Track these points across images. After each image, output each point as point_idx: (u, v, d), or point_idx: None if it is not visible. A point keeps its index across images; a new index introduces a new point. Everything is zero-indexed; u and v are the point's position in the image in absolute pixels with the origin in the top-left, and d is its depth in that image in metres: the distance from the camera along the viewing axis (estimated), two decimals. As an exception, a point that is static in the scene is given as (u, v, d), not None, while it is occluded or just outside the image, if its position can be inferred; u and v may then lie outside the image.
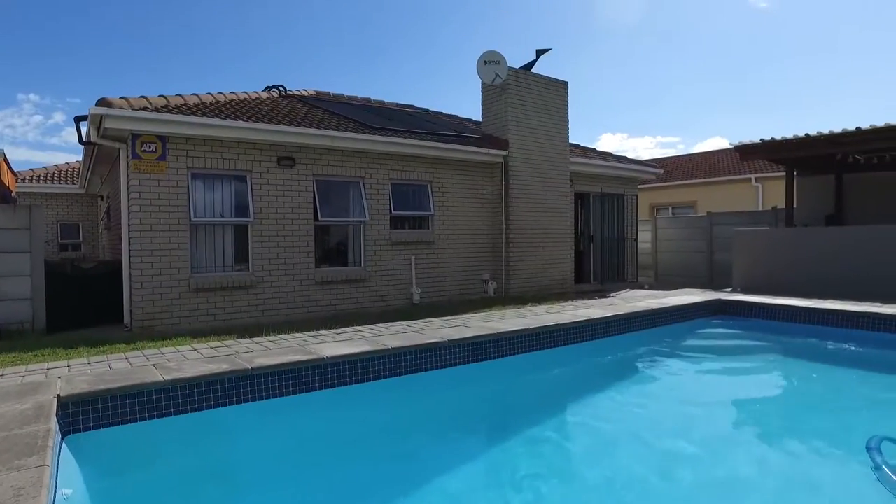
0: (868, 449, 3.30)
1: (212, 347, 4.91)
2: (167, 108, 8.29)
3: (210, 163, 8.52)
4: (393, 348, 4.64)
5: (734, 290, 11.12)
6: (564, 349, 5.81)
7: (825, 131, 10.48)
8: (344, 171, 9.79)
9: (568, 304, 7.91)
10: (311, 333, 5.72)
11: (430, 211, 10.85)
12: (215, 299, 8.50)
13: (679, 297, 8.22)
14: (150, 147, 8.09)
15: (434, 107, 15.67)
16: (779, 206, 13.53)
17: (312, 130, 9.13)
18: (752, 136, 54.11)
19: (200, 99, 9.50)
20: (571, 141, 12.96)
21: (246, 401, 3.94)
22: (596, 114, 61.02)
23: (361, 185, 10.00)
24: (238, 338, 6.15)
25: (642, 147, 56.48)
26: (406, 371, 4.69)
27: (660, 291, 12.23)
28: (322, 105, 11.67)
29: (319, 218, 9.48)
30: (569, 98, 12.65)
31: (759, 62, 52.50)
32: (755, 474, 3.69)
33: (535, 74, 12.11)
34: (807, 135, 10.68)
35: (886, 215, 12.24)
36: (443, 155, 10.76)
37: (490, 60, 11.52)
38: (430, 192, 10.87)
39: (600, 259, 13.90)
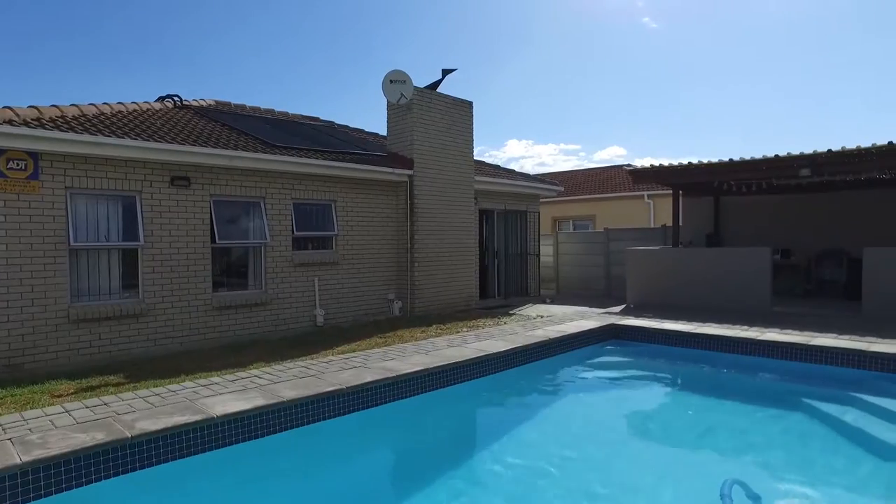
0: (721, 496, 3.59)
1: (87, 407, 4.48)
2: (39, 122, 7.55)
3: (93, 182, 7.90)
4: (289, 400, 4.51)
5: (628, 306, 11.84)
6: (464, 385, 5.92)
7: (705, 160, 11.40)
8: (244, 191, 9.42)
9: (470, 334, 8.04)
10: (203, 380, 5.40)
11: (334, 231, 10.68)
12: (100, 330, 7.89)
13: (575, 324, 8.61)
14: (18, 165, 7.35)
15: (343, 118, 15.47)
16: (668, 224, 14.52)
17: (209, 150, 8.71)
18: (646, 145, 57.43)
19: (82, 111, 8.75)
20: (479, 151, 13.26)
21: (124, 472, 3.65)
22: (503, 120, 62.67)
23: (262, 205, 9.67)
24: (120, 387, 5.74)
25: (546, 153, 58.63)
26: (302, 423, 4.57)
27: (560, 307, 12.76)
28: (221, 119, 11.16)
29: (217, 240, 9.06)
30: (475, 110, 12.91)
31: (652, 78, 56.06)
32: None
33: (440, 94, 12.24)
34: (689, 163, 11.56)
35: (753, 234, 13.55)
36: (347, 174, 10.63)
37: (396, 80, 11.51)
38: (333, 211, 10.70)
39: (504, 274, 14.30)
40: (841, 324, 8.65)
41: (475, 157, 13.10)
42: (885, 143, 9.47)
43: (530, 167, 60.94)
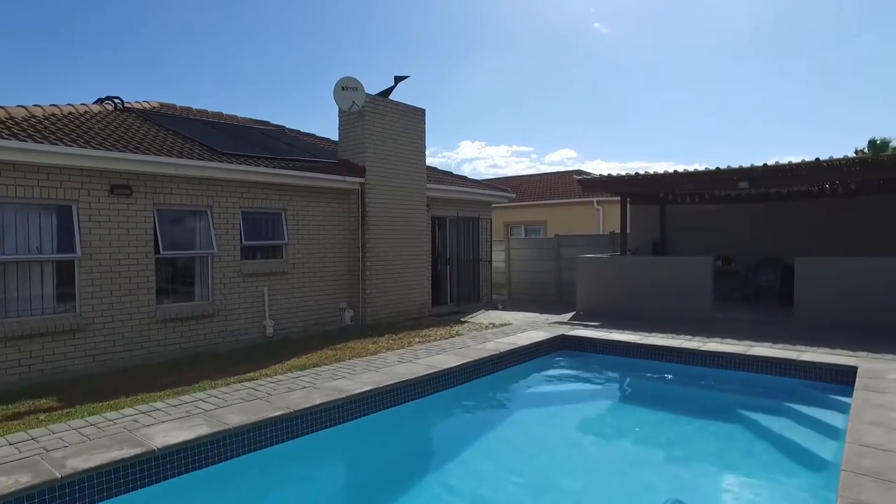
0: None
1: (11, 444, 4.17)
2: (-41, 127, 7.10)
3: (23, 191, 7.46)
4: (234, 427, 4.38)
5: (578, 313, 12.08)
6: (415, 403, 5.91)
7: (651, 171, 11.74)
8: (189, 199, 9.12)
9: (421, 348, 8.02)
10: (144, 406, 5.18)
11: (284, 240, 10.48)
12: (30, 348, 7.48)
13: (526, 335, 8.71)
14: (-67, 171, 6.90)
15: (293, 122, 15.18)
16: (616, 231, 14.88)
17: (152, 157, 8.38)
18: (596, 148, 58.84)
19: (9, 113, 8.24)
20: (432, 151, 13.30)
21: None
22: (457, 122, 62.92)
23: (209, 214, 9.39)
24: (52, 413, 5.46)
25: (498, 155, 59.22)
26: (249, 449, 4.45)
27: (512, 312, 12.92)
28: (165, 123, 10.77)
29: (161, 251, 8.74)
30: (428, 114, 12.91)
31: (602, 82, 57.38)
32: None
33: (393, 101, 12.18)
34: (637, 174, 11.89)
35: (696, 241, 14.06)
36: (298, 182, 10.45)
37: (347, 87, 11.39)
38: (284, 220, 10.49)
39: (457, 280, 14.35)
40: (776, 331, 9.09)
41: (428, 160, 13.09)
42: (813, 159, 10.00)
43: (483, 168, 61.46)
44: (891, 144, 31.80)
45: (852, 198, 12.29)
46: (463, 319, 11.91)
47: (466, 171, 61.31)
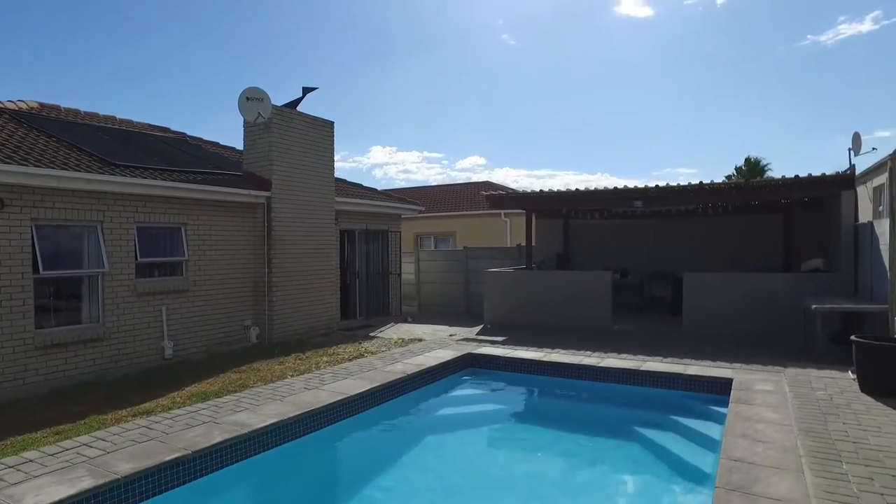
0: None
1: None
2: None
3: None
4: (124, 476, 4.08)
5: (485, 326, 12.36)
6: (321, 432, 5.80)
7: (555, 189, 12.29)
8: (76, 214, 8.44)
9: (328, 371, 7.87)
10: (12, 458, 4.56)
11: (184, 256, 9.97)
12: None
13: (433, 354, 8.80)
14: None
15: (196, 129, 14.48)
16: (523, 244, 15.37)
17: (30, 170, 7.67)
18: (504, 155, 60.38)
19: None
20: (342, 156, 13.23)
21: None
22: (367, 127, 62.49)
23: (99, 230, 8.73)
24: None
25: (409, 161, 59.50)
26: (141, 498, 4.16)
27: (421, 325, 13.00)
28: (47, 128, 9.92)
29: (41, 271, 8.02)
30: (338, 123, 12.75)
31: (509, 91, 59.11)
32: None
33: (300, 113, 11.92)
34: (541, 191, 12.38)
35: (597, 254, 14.83)
36: (200, 196, 9.97)
37: (253, 97, 11.02)
38: (184, 235, 9.97)
39: (366, 294, 14.26)
40: (668, 341, 9.84)
41: (337, 165, 12.96)
42: (697, 183, 10.90)
43: (394, 173, 61.39)
44: (761, 162, 35.19)
45: (733, 216, 13.45)
46: (372, 334, 11.85)
47: (377, 176, 61.02)
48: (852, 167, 10.91)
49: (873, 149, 13.68)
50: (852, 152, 11.73)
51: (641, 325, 11.78)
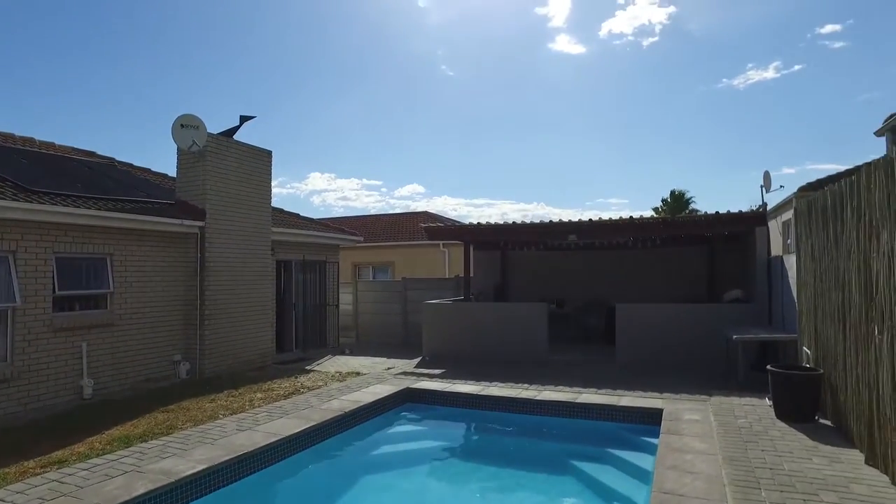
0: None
1: None
2: None
3: None
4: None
5: (424, 359, 12.33)
6: (255, 476, 5.58)
7: (493, 222, 12.55)
8: (-16, 244, 7.90)
9: (262, 410, 7.59)
10: None
11: (109, 288, 9.47)
12: None
13: (371, 390, 8.67)
14: None
15: (126, 154, 13.90)
16: (461, 275, 15.51)
17: (-63, 197, 7.17)
18: (443, 184, 61.12)
19: None
20: (280, 182, 13.01)
21: None
22: (306, 153, 61.89)
23: (11, 260, 8.17)
24: None
25: (349, 188, 59.19)
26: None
27: (359, 358, 12.81)
28: (-43, 152, 9.29)
29: (-57, 306, 7.43)
30: (276, 152, 12.59)
31: (447, 121, 60.18)
32: None
33: (237, 142, 11.71)
34: (479, 223, 12.62)
35: (534, 285, 15.16)
36: (128, 225, 9.54)
37: (187, 125, 10.74)
38: (109, 266, 9.49)
39: (303, 325, 13.96)
40: (603, 370, 10.20)
41: (275, 192, 12.75)
42: (628, 217, 11.41)
43: (333, 200, 60.87)
44: (686, 195, 37.23)
45: (662, 248, 14.11)
46: (308, 368, 11.57)
47: (315, 203, 60.26)
48: (764, 205, 11.76)
49: (781, 186, 14.81)
50: (764, 189, 12.66)
51: (578, 356, 12.07)
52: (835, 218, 6.17)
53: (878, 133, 15.66)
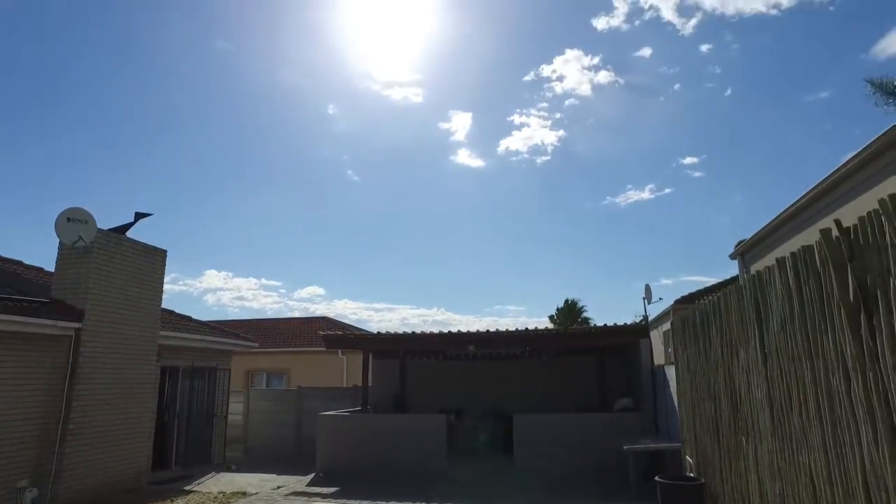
0: None
1: None
2: None
3: None
4: None
5: (317, 475, 11.60)
6: None
7: (392, 332, 12.58)
8: None
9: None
10: None
11: (-49, 398, 8.30)
12: None
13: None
14: None
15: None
16: (359, 384, 15.11)
17: None
18: (343, 287, 60.69)
19: None
20: (172, 278, 12.25)
21: None
22: (202, 251, 59.65)
23: None
24: None
25: (246, 287, 57.03)
26: None
27: (246, 475, 11.87)
28: None
29: None
30: (171, 250, 12.04)
31: (352, 225, 60.93)
32: None
33: (130, 239, 11.16)
34: (378, 333, 12.64)
35: (434, 395, 15.03)
36: (-13, 326, 8.59)
37: (75, 218, 10.16)
38: (-43, 372, 8.38)
39: (186, 438, 12.80)
40: (502, 483, 10.07)
41: (167, 289, 12.07)
42: (523, 328, 11.91)
43: (228, 300, 58.20)
44: (578, 304, 39.40)
45: (557, 358, 14.64)
46: (188, 488, 10.50)
47: (209, 302, 57.24)
48: (646, 316, 12.74)
49: (660, 298, 16.12)
50: (646, 301, 13.75)
51: (476, 467, 11.88)
52: (703, 334, 6.80)
53: (732, 256, 17.72)
